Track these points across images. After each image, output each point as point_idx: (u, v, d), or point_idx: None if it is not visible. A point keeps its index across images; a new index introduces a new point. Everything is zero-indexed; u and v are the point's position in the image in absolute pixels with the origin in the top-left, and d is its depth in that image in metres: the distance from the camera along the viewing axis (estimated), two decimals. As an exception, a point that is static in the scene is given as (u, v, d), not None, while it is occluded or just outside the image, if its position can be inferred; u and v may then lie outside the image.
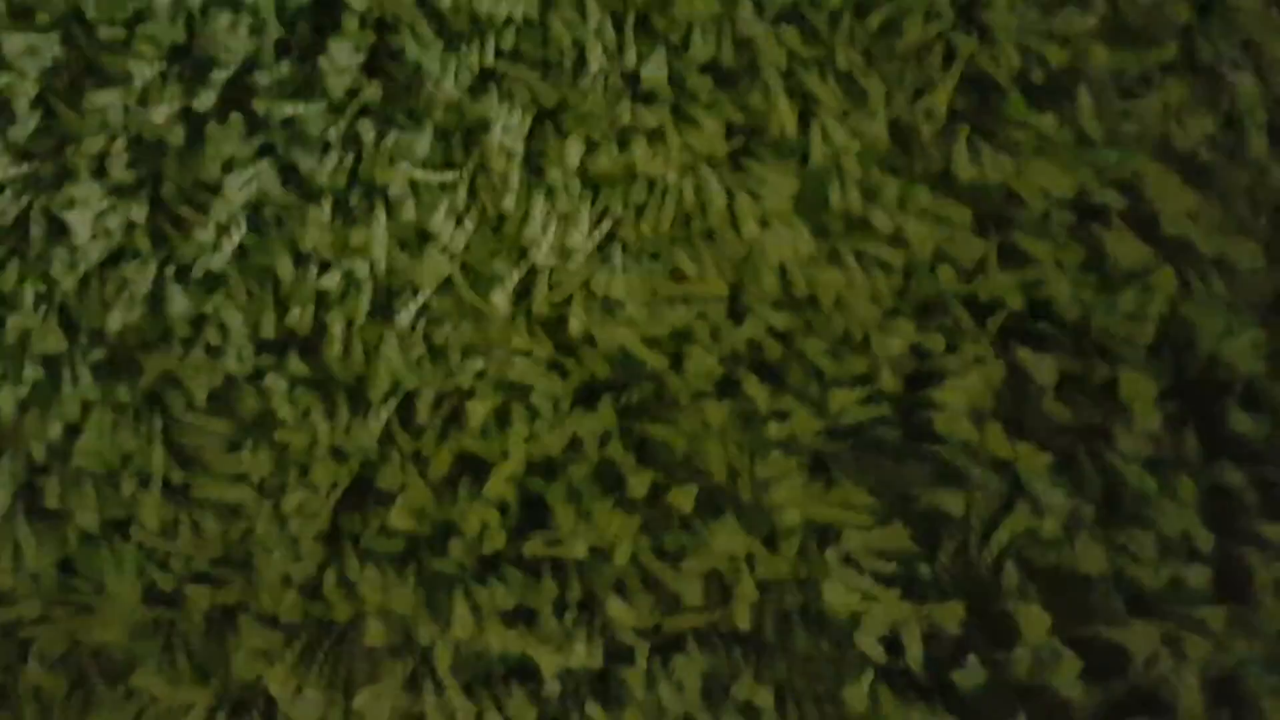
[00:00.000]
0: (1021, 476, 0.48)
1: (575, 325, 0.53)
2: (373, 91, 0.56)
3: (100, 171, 0.56)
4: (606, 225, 0.54)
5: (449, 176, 0.55)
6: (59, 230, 0.55)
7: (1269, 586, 0.46)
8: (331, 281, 0.54)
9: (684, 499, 0.49)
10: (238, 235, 0.55)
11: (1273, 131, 0.52)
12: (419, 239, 0.54)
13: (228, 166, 0.55)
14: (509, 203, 0.55)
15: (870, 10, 0.55)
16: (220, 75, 0.56)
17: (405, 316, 0.53)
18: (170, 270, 0.55)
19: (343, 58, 0.56)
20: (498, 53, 0.56)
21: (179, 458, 0.53)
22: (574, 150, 0.55)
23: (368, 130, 0.56)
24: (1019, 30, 0.53)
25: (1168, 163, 0.51)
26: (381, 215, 0.55)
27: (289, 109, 0.56)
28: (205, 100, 0.56)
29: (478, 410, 0.51)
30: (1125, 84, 0.53)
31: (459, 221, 0.55)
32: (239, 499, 0.51)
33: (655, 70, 0.56)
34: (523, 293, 0.53)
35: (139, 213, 0.55)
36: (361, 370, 0.53)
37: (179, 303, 0.54)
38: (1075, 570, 0.47)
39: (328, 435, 0.51)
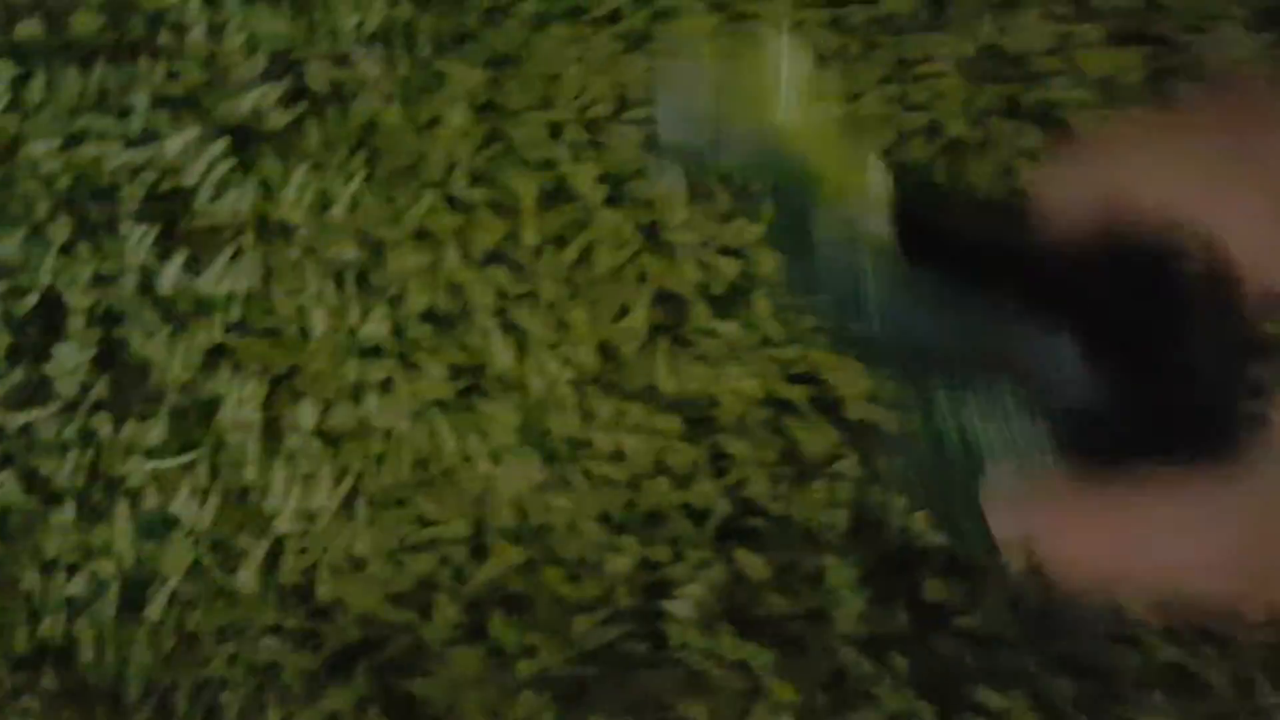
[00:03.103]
0: (756, 674, 0.42)
1: (324, 591, 0.45)
2: (104, 387, 0.47)
3: None
4: (348, 482, 0.47)
5: (187, 458, 0.47)
6: None
7: (991, 750, 0.41)
8: (78, 586, 0.45)
9: (445, 756, 0.41)
10: (-19, 551, 0.45)
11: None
12: (164, 525, 0.46)
13: (-36, 483, 0.46)
14: (251, 473, 0.47)
15: (566, 243, 0.49)
16: (-51, 392, 0.47)
17: (154, 609, 0.45)
18: (-87, 598, 0.45)
19: (69, 358, 0.47)
20: (225, 328, 0.49)
21: (-64, 796, 0.43)
22: (309, 412, 0.48)
23: (103, 424, 0.47)
24: (696, 246, 0.48)
25: (844, 351, 0.46)
26: (125, 508, 0.46)
27: (23, 418, 0.47)
28: (-64, 419, 0.47)
29: (233, 700, 0.43)
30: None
31: (203, 501, 0.46)
32: (-1, 832, 0.42)
33: (378, 325, 0.48)
34: (270, 564, 0.45)
35: (-125, 544, 0.45)
36: (116, 672, 0.44)
37: (-76, 631, 0.44)
38: (816, 760, 0.41)
39: (83, 751, 0.42)
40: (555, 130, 0.51)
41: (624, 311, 0.49)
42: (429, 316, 0.49)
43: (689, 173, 0.46)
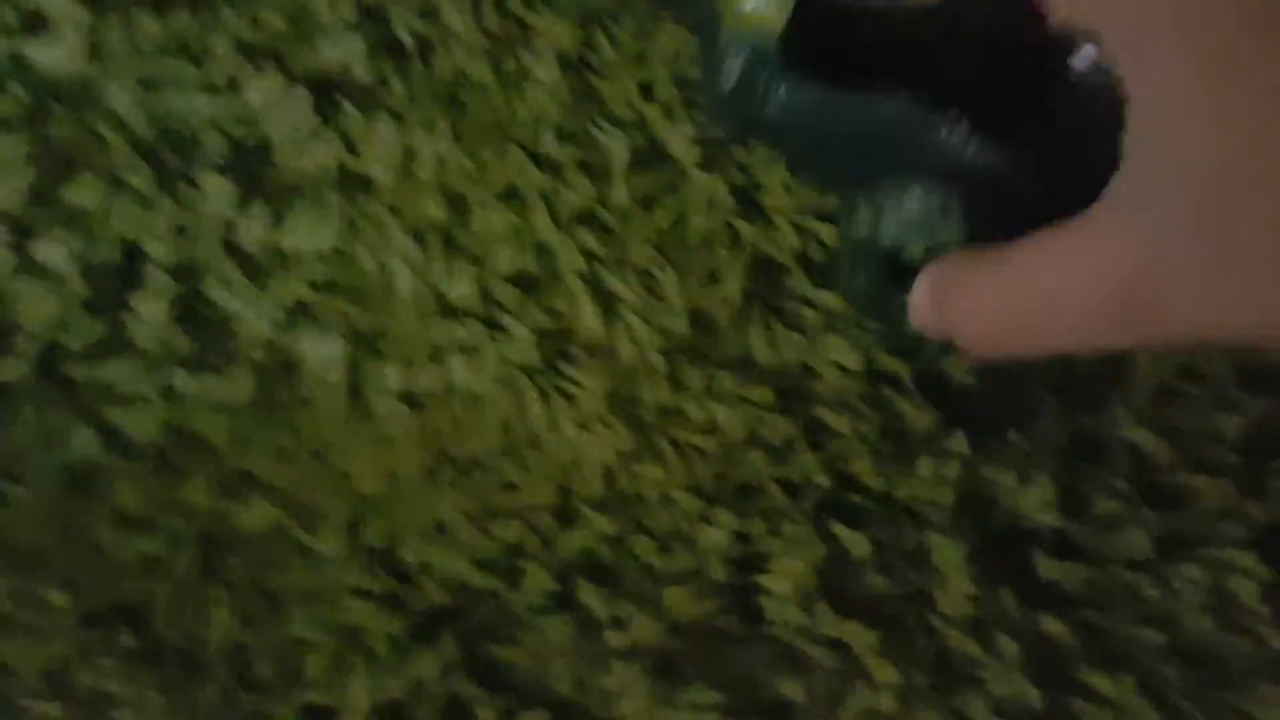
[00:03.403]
0: (856, 653, 0.41)
1: (409, 554, 0.44)
2: (183, 342, 0.46)
3: (-92, 455, 0.45)
4: (432, 445, 0.45)
5: (270, 417, 0.45)
6: None
7: (1099, 735, 0.39)
8: (155, 543, 0.44)
9: (534, 727, 0.40)
10: (59, 506, 0.44)
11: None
12: (243, 484, 0.45)
13: (41, 434, 0.45)
14: (333, 433, 0.45)
15: (656, 205, 0.48)
16: (28, 343, 0.46)
17: (235, 568, 0.43)
18: (-11, 551, 0.44)
19: (149, 311, 0.46)
20: (307, 285, 0.47)
21: (13, 752, 0.42)
22: (393, 373, 0.46)
23: (183, 380, 0.46)
24: (793, 212, 0.46)
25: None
26: (203, 465, 0.45)
27: (101, 371, 0.46)
28: (14, 369, 0.46)
29: (317, 662, 0.42)
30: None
31: (284, 460, 0.45)
32: (77, 791, 0.41)
33: (463, 286, 0.47)
34: (354, 527, 0.44)
35: (-49, 494, 0.44)
36: (194, 632, 0.43)
37: (1, 582, 0.43)
38: (918, 742, 0.40)
39: (164, 711, 0.41)
40: (647, 89, 0.49)
41: (717, 278, 0.47)
42: (515, 279, 0.48)
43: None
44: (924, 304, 0.37)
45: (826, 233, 0.45)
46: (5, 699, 0.41)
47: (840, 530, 0.41)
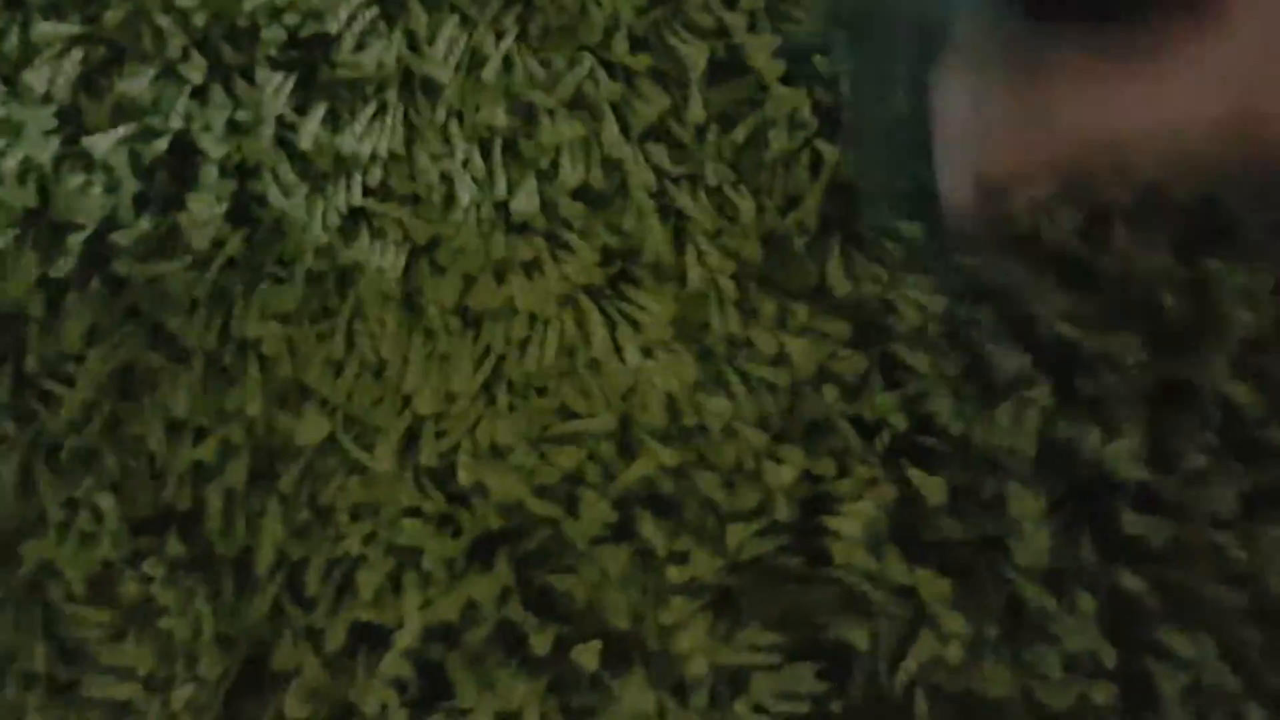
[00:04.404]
0: (924, 601, 0.39)
1: (464, 476, 0.42)
2: (238, 243, 0.44)
3: (-44, 349, 0.44)
4: (488, 365, 0.44)
5: (324, 326, 0.44)
6: (-82, 415, 0.43)
7: (1175, 698, 0.37)
8: (208, 450, 0.42)
9: (589, 657, 0.39)
10: (107, 406, 0.43)
11: (1132, 219, 0.43)
12: (297, 394, 0.43)
13: (91, 334, 0.43)
14: (387, 348, 0.44)
15: (735, 122, 0.45)
16: (77, 239, 0.44)
17: (287, 480, 0.42)
18: (40, 451, 0.43)
19: (203, 210, 0.44)
20: (365, 190, 0.45)
21: (62, 653, 0.41)
22: (451, 287, 0.44)
23: (235, 284, 0.44)
24: (882, 136, 0.43)
25: (1037, 261, 0.42)
26: (255, 372, 0.43)
27: (152, 270, 0.44)
28: (64, 266, 0.44)
29: (369, 580, 0.41)
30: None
31: (338, 373, 0.44)
32: (127, 695, 0.40)
33: (527, 199, 0.45)
34: (408, 444, 0.43)
35: (2, 392, 0.43)
36: (245, 543, 0.42)
37: (50, 485, 0.42)
38: (985, 695, 0.38)
39: (211, 621, 0.40)
40: (729, -4, 0.46)
41: (794, 202, 0.45)
42: (581, 194, 0.45)
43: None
44: (957, 122, 0.32)
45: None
46: (52, 604, 0.41)
47: (915, 474, 0.39)
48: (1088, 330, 0.41)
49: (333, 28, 0.44)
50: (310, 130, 0.43)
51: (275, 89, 0.44)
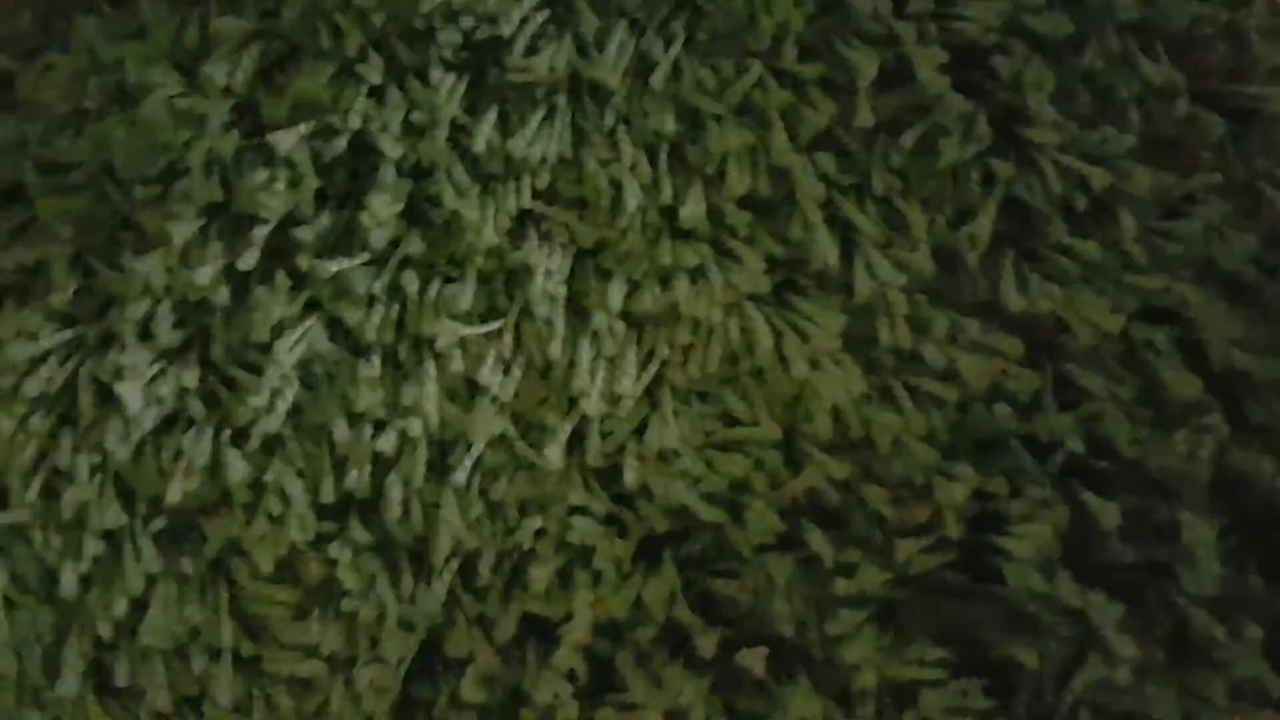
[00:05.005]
0: (1093, 624, 0.39)
1: (630, 477, 0.43)
2: (414, 242, 0.45)
3: (146, 335, 0.45)
4: (654, 368, 0.44)
5: (494, 326, 0.45)
6: (108, 396, 0.45)
7: (1351, 734, 0.37)
8: (388, 442, 0.44)
9: (755, 662, 0.40)
10: (291, 395, 0.45)
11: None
12: (469, 391, 0.45)
13: (278, 327, 0.45)
14: (555, 349, 0.44)
15: (905, 130, 0.45)
16: (261, 232, 0.46)
17: (461, 474, 0.43)
18: (226, 435, 0.45)
19: (382, 209, 0.45)
20: (534, 194, 0.46)
21: (248, 630, 0.43)
22: (617, 291, 0.45)
23: (411, 282, 0.45)
24: (1059, 149, 0.43)
25: (1212, 285, 0.41)
26: (431, 369, 0.45)
27: (333, 266, 0.45)
28: (249, 259, 0.45)
29: (540, 575, 0.42)
30: (1167, 205, 0.43)
31: (507, 371, 0.45)
32: (311, 673, 0.42)
33: (693, 205, 0.45)
34: (575, 444, 0.44)
35: (190, 377, 0.45)
36: (422, 532, 0.43)
37: (238, 468, 0.44)
38: (1149, 717, 0.38)
39: (394, 604, 0.42)
40: (899, 1, 0.46)
41: (967, 215, 0.44)
42: (748, 202, 0.45)
43: None
44: None
45: (1097, 177, 0.42)
46: (237, 582, 0.43)
47: (1089, 497, 0.39)
48: (1260, 356, 0.40)
49: (506, 31, 0.45)
50: (484, 133, 0.44)
51: (449, 91, 0.45)
